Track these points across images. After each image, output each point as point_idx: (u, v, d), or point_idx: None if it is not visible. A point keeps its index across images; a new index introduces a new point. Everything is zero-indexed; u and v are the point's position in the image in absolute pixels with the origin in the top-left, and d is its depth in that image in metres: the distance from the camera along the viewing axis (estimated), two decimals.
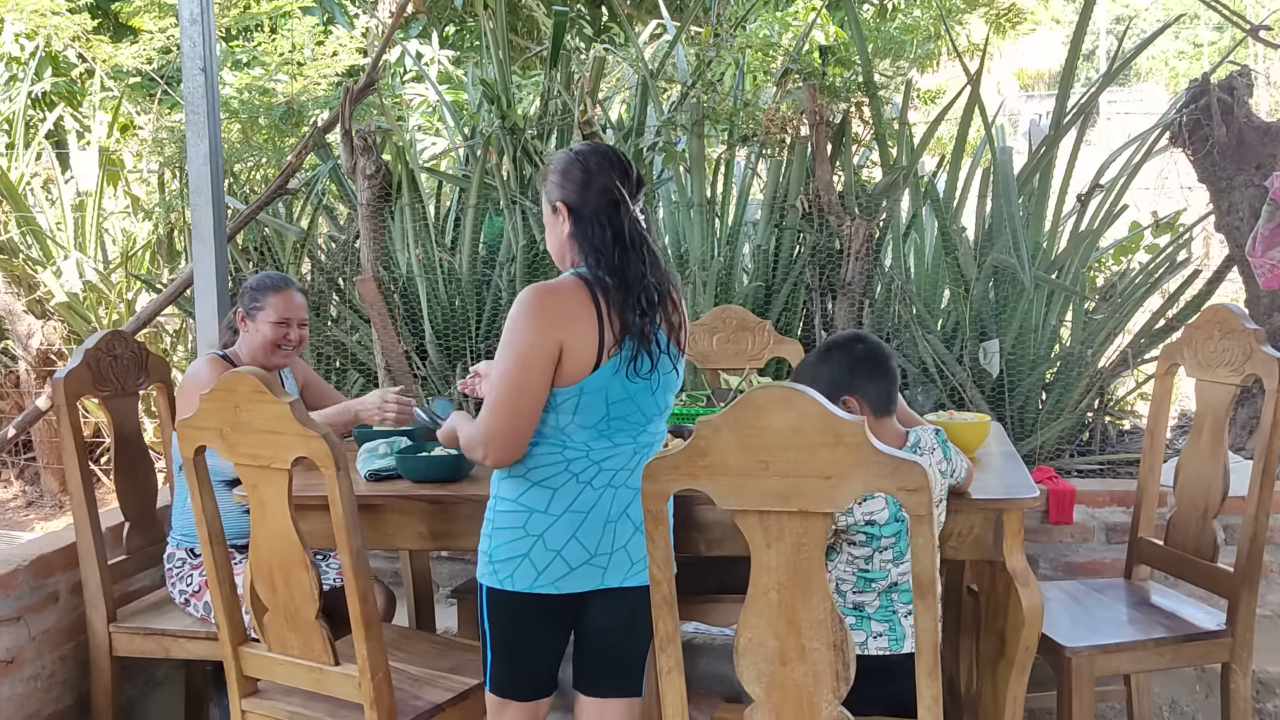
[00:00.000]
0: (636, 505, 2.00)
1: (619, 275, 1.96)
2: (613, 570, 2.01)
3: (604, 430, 1.99)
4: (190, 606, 2.76)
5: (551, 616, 2.03)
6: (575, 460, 1.99)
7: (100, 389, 2.90)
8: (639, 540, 2.00)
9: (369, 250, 4.19)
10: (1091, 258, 4.12)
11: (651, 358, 1.98)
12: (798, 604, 1.65)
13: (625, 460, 2.01)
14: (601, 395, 1.96)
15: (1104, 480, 3.64)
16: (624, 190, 1.98)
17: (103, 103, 5.97)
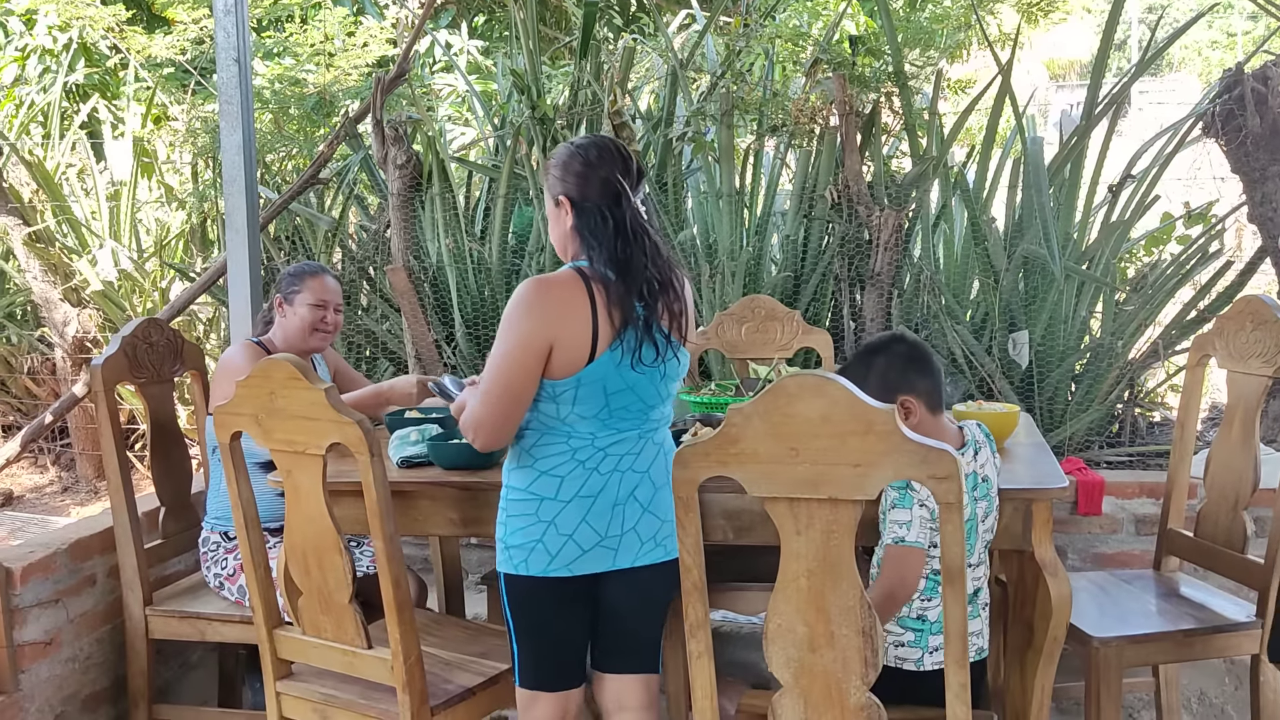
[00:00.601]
0: (644, 487, 2.06)
1: (621, 267, 1.98)
2: (624, 551, 2.05)
3: (606, 419, 2.03)
4: (224, 590, 2.81)
5: (570, 599, 2.07)
6: (581, 449, 2.03)
7: (137, 376, 2.95)
8: (648, 520, 2.06)
9: (399, 240, 4.22)
10: (1123, 249, 4.10)
11: (657, 347, 2.01)
12: (827, 590, 1.66)
13: (631, 445, 2.05)
14: (599, 386, 2.00)
15: (1134, 471, 3.62)
16: (625, 182, 2.00)
17: (136, 94, 6.04)
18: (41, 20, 6.70)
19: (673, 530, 1.98)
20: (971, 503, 1.99)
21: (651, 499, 2.07)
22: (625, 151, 2.05)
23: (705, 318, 4.00)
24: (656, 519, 2.07)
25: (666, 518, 2.07)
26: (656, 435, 2.09)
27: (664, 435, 2.12)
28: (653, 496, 2.07)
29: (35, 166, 5.27)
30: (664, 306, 2.03)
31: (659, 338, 2.01)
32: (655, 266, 2.02)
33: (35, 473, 5.58)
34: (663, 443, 2.11)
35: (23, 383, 5.58)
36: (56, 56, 6.77)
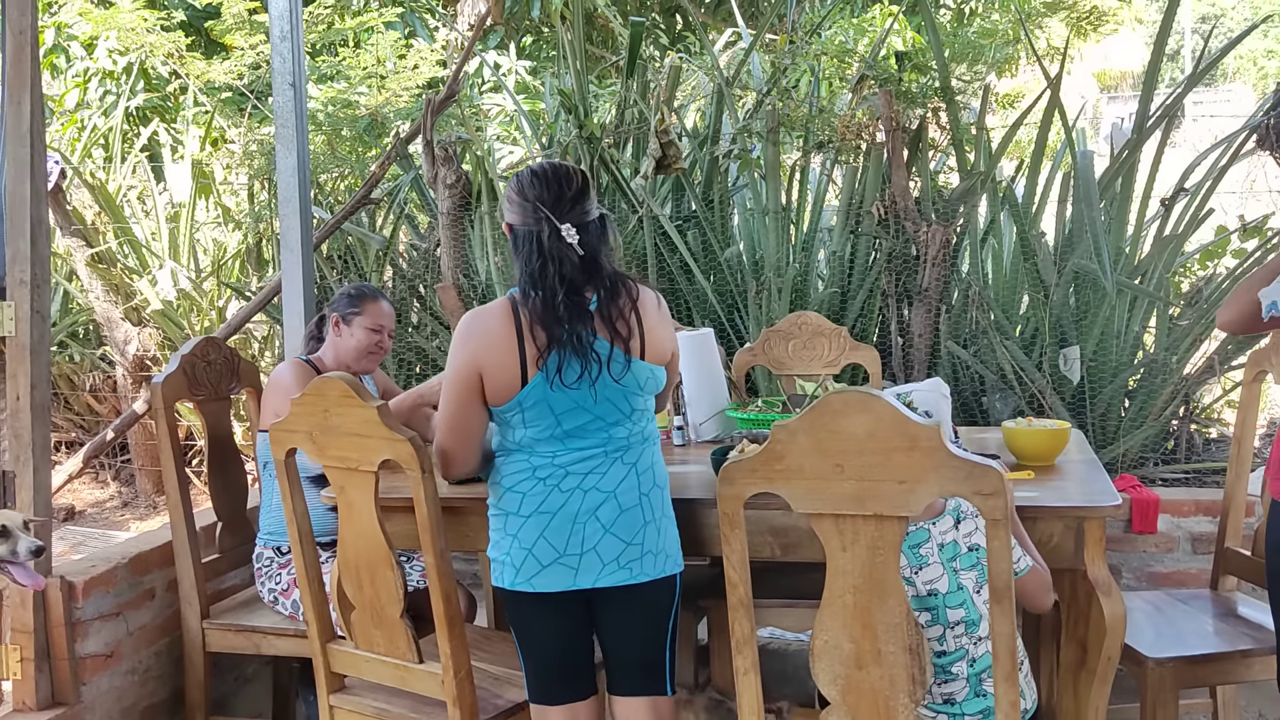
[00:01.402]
0: (607, 507, 2.04)
1: (542, 289, 2.02)
2: (584, 572, 2.05)
3: (564, 439, 2.06)
4: (278, 604, 2.86)
5: (552, 614, 2.10)
6: (541, 466, 2.07)
7: (195, 393, 3.02)
8: (610, 542, 2.04)
9: (449, 258, 4.28)
10: (1176, 263, 4.04)
11: (591, 363, 2.01)
12: (873, 607, 1.66)
13: (596, 464, 2.06)
14: (545, 407, 2.03)
15: (1189, 489, 3.56)
16: (551, 208, 2.03)
17: (195, 117, 6.19)
18: (102, 45, 6.90)
19: (642, 554, 2.02)
20: (950, 573, 1.90)
21: (615, 520, 2.04)
22: (562, 176, 2.07)
23: (751, 334, 4.00)
24: (620, 541, 2.04)
25: (633, 540, 2.04)
26: (628, 455, 2.07)
27: (640, 455, 2.09)
28: (617, 518, 2.04)
29: (98, 189, 5.43)
30: (603, 325, 2.03)
31: (594, 355, 2.01)
32: (590, 287, 2.04)
33: (96, 488, 5.72)
34: (635, 462, 2.07)
35: (85, 400, 5.72)
36: (117, 80, 6.96)
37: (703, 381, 2.98)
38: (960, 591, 1.93)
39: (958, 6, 8.53)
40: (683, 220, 4.34)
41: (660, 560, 2.08)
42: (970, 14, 8.12)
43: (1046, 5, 5.11)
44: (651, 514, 2.07)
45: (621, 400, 2.06)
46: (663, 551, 2.08)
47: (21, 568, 2.30)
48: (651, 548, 2.06)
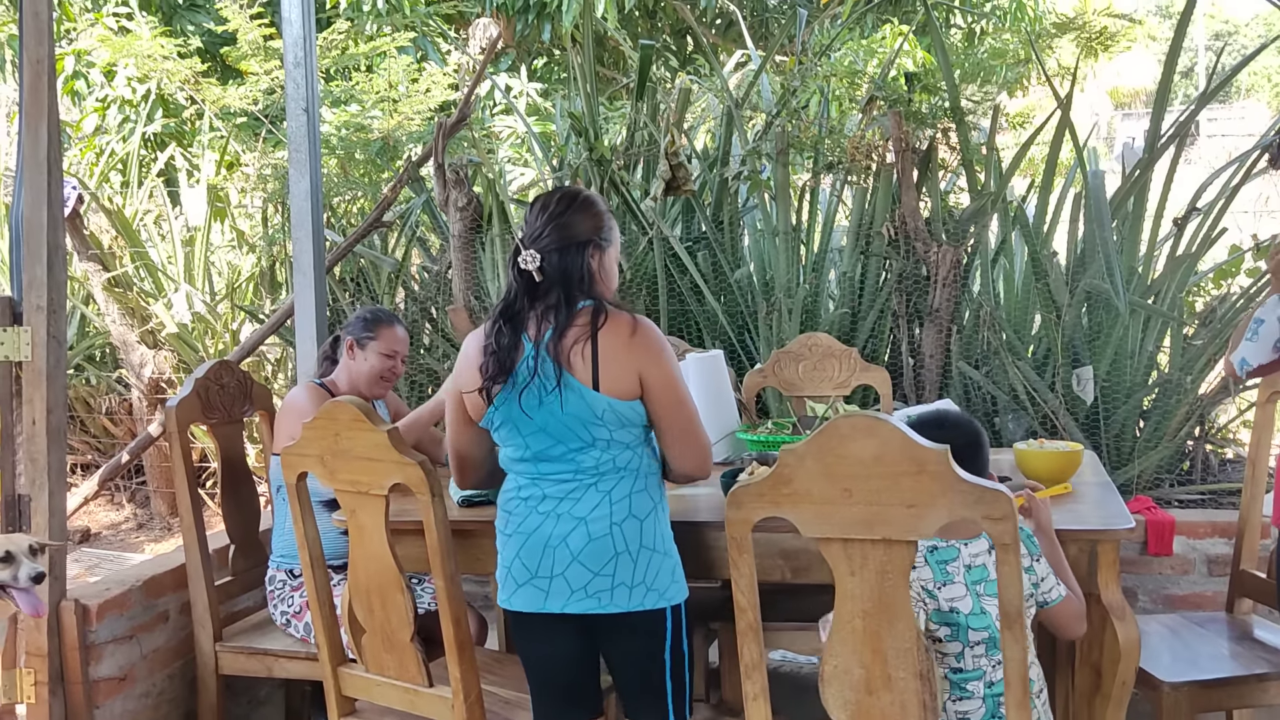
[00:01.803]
0: (577, 534, 2.02)
1: (502, 311, 2.09)
2: (554, 595, 2.04)
3: (536, 462, 2.07)
4: (290, 627, 2.86)
5: (540, 634, 2.10)
6: (524, 486, 2.10)
7: (209, 417, 3.04)
8: (577, 570, 2.02)
9: (460, 280, 4.31)
10: (1190, 282, 4.03)
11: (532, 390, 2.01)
12: (883, 632, 1.66)
13: (570, 490, 2.05)
14: (511, 428, 2.07)
15: (1205, 511, 3.54)
16: (524, 231, 2.10)
17: (211, 142, 6.25)
18: (121, 72, 6.98)
19: (613, 585, 2.00)
20: (974, 596, 1.88)
21: (583, 548, 2.01)
22: (547, 199, 2.11)
23: (762, 355, 4.01)
24: (587, 570, 2.01)
25: (602, 571, 2.01)
26: (602, 483, 2.04)
27: (616, 485, 2.05)
28: (585, 546, 2.01)
29: (115, 214, 5.48)
30: (558, 348, 2.02)
31: (540, 381, 2.02)
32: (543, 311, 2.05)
33: (112, 510, 5.75)
34: (610, 491, 2.04)
35: (101, 422, 5.76)
36: (135, 107, 7.04)
37: (713, 403, 2.98)
38: (983, 615, 1.91)
39: (968, 27, 8.55)
40: (693, 241, 4.35)
41: (638, 594, 2.02)
42: (980, 34, 8.14)
43: (1057, 26, 5.12)
44: (624, 545, 2.01)
45: (581, 428, 2.02)
46: (641, 585, 2.02)
47: (24, 593, 2.29)
48: (625, 580, 2.01)
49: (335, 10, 7.64)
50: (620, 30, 7.86)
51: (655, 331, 2.07)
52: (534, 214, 2.11)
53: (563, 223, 2.08)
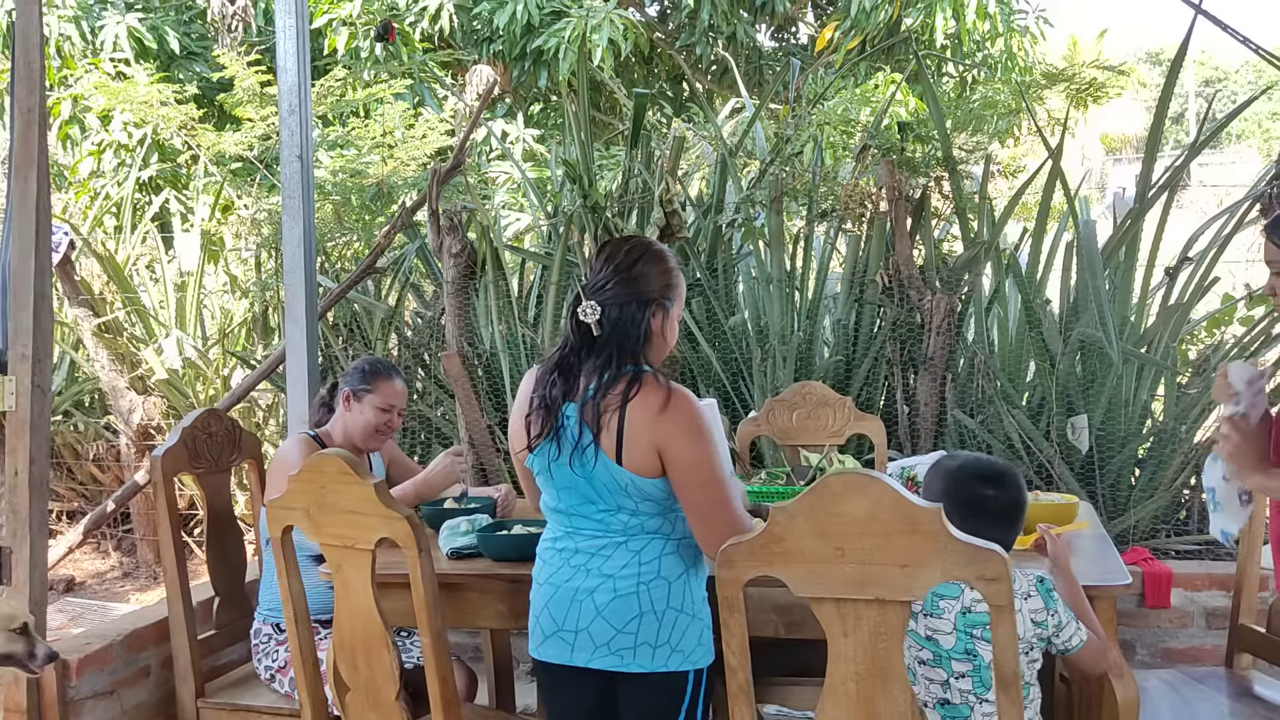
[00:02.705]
0: (603, 590, 1.99)
1: (554, 361, 2.07)
2: (580, 649, 2.01)
3: (569, 515, 2.06)
4: (275, 682, 2.81)
5: (565, 686, 2.08)
6: (559, 538, 2.09)
7: (196, 465, 3.00)
8: (600, 626, 1.99)
9: (454, 326, 4.29)
10: (1183, 330, 4.02)
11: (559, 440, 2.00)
12: (876, 695, 1.62)
13: (602, 545, 2.02)
14: (547, 477, 2.06)
15: (1203, 562, 3.50)
16: (585, 281, 2.06)
17: (206, 186, 6.27)
18: (117, 117, 7.02)
19: (635, 644, 1.97)
20: (962, 635, 1.87)
21: (608, 604, 1.98)
22: (614, 248, 2.07)
23: (756, 403, 3.98)
24: (611, 627, 1.98)
25: (625, 629, 1.98)
26: (633, 543, 2.01)
27: (646, 545, 2.00)
28: (609, 602, 1.98)
29: (106, 259, 5.47)
30: (590, 413, 1.97)
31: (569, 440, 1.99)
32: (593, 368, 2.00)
33: (97, 558, 5.68)
34: (640, 550, 2.00)
35: (88, 469, 5.71)
36: (131, 151, 7.07)
37: None
38: (967, 657, 1.89)
39: (959, 76, 8.65)
40: (687, 288, 4.34)
41: (661, 654, 1.98)
42: (972, 84, 8.23)
43: (1046, 76, 5.18)
44: (650, 605, 1.98)
45: (608, 495, 1.99)
46: (665, 645, 1.98)
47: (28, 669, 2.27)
48: (649, 639, 1.98)
49: (333, 58, 7.71)
50: (616, 78, 7.94)
51: (689, 407, 1.96)
52: (600, 262, 2.05)
53: (630, 276, 2.02)
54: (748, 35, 8.77)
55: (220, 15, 7.23)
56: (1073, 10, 37.89)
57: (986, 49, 8.50)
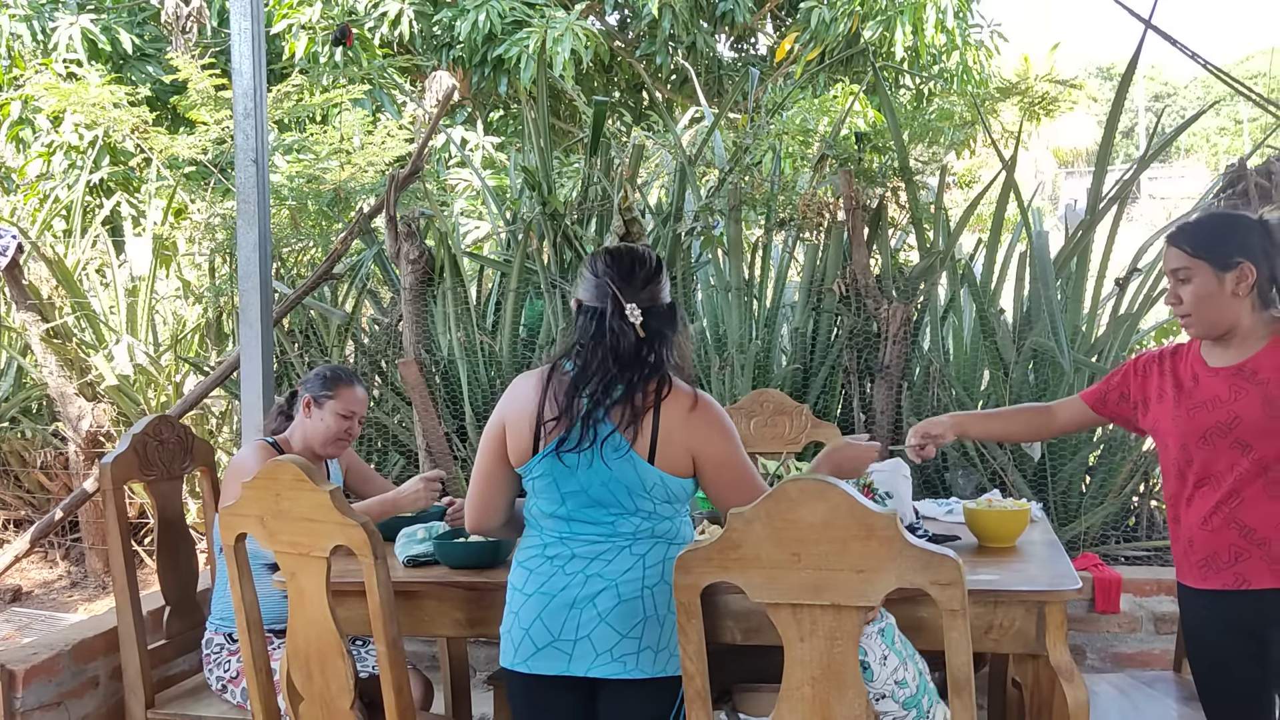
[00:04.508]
0: (606, 595, 1.99)
1: (583, 363, 2.04)
2: (579, 658, 2.00)
3: (569, 519, 2.04)
4: (227, 693, 2.77)
5: (547, 698, 2.05)
6: (550, 544, 2.06)
7: (146, 473, 2.96)
8: (604, 632, 1.98)
9: (411, 333, 4.26)
10: (1133, 340, 4.09)
11: (593, 440, 1.99)
12: (831, 699, 1.63)
13: (602, 550, 2.02)
14: (550, 481, 2.03)
15: (1151, 568, 3.56)
16: (620, 287, 2.04)
17: (158, 190, 6.18)
18: (68, 119, 6.90)
19: (639, 649, 1.96)
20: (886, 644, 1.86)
21: (612, 610, 1.98)
22: (633, 260, 2.08)
23: None
24: (615, 633, 1.98)
25: (630, 634, 1.98)
26: (636, 547, 2.02)
27: (650, 549, 2.03)
28: (614, 607, 1.98)
29: (55, 264, 5.37)
30: (621, 413, 2.00)
31: (598, 440, 1.99)
32: (633, 370, 2.01)
33: (45, 568, 5.57)
34: (644, 554, 2.02)
35: (35, 477, 5.60)
36: (82, 153, 6.95)
37: None
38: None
39: (916, 88, 8.76)
40: None
41: (662, 658, 1.98)
42: (928, 96, 8.33)
43: (1000, 90, 5.26)
44: (654, 609, 1.98)
45: (625, 496, 2.00)
46: (665, 650, 1.98)
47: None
48: (651, 644, 1.98)
49: (290, 63, 7.64)
50: (576, 86, 7.95)
51: (716, 407, 2.05)
52: (626, 266, 2.06)
53: (661, 281, 2.08)
54: (707, 45, 8.82)
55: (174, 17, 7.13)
56: (1026, 25, 38.50)
57: (943, 62, 8.62)
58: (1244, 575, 2.12)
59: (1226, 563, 2.15)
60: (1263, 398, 2.09)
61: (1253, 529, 2.10)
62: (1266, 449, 2.09)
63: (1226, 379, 2.16)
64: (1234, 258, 2.10)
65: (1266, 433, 2.08)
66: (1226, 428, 2.14)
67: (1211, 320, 2.16)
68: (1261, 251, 2.10)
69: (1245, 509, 2.12)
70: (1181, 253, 2.16)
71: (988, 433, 2.80)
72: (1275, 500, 2.08)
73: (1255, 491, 2.11)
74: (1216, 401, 2.17)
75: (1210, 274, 2.12)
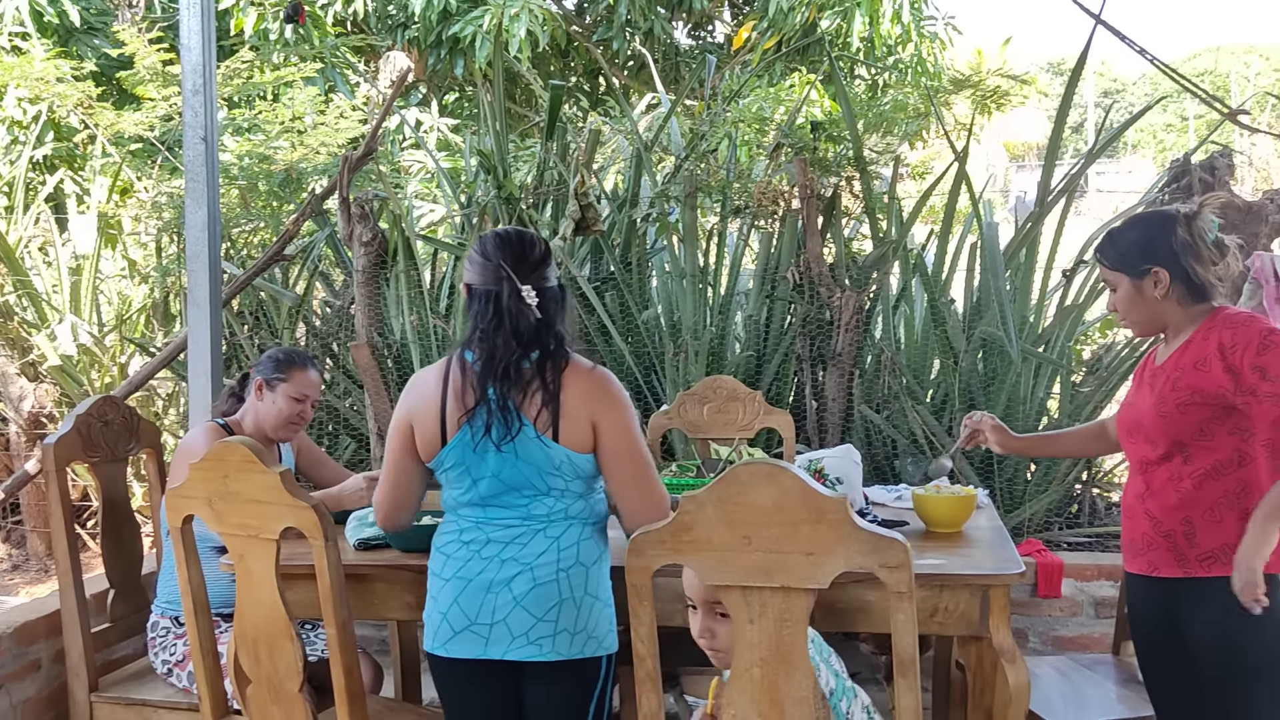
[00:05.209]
0: (521, 579, 2.00)
1: (486, 349, 2.03)
2: (495, 642, 2.01)
3: (484, 505, 2.06)
4: (173, 676, 2.74)
5: (469, 682, 2.06)
6: (466, 530, 2.08)
7: (90, 454, 2.91)
8: (520, 615, 1.99)
9: (364, 316, 4.22)
10: (1078, 331, 4.17)
11: (500, 432, 1.99)
12: (780, 681, 1.65)
13: (518, 534, 2.03)
14: (463, 469, 2.04)
15: (1092, 554, 3.64)
16: (512, 270, 2.04)
17: (103, 168, 6.05)
18: (11, 93, 6.72)
19: (555, 632, 1.98)
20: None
21: (528, 594, 1.99)
22: (525, 242, 2.09)
23: (668, 397, 4.01)
24: (531, 616, 1.99)
25: (547, 617, 1.99)
26: (551, 529, 2.03)
27: (564, 531, 2.04)
28: (529, 591, 1.99)
29: None
30: (526, 396, 2.01)
31: (511, 423, 2.00)
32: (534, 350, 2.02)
33: None
34: (558, 537, 2.03)
35: None
36: (25, 129, 6.77)
37: None
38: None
39: (871, 79, 8.82)
40: (601, 282, 4.35)
41: (579, 640, 2.00)
42: (883, 87, 8.39)
43: (954, 82, 5.32)
44: (570, 591, 2.00)
45: (537, 477, 2.02)
46: (583, 632, 2.00)
47: None
48: (568, 626, 1.99)
49: (240, 39, 7.50)
50: (532, 69, 7.89)
51: (613, 380, 2.08)
52: (517, 249, 2.06)
53: (550, 261, 2.09)
54: (665, 31, 8.80)
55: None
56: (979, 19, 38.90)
57: (898, 53, 8.68)
58: (1154, 563, 2.20)
59: (1141, 550, 2.23)
60: (1157, 398, 2.17)
61: (1159, 520, 2.18)
62: (1166, 446, 2.16)
63: (1151, 376, 2.25)
64: (1144, 265, 2.17)
65: (1161, 430, 2.16)
66: (1138, 424, 2.24)
67: (1143, 322, 2.24)
68: (1169, 252, 2.16)
69: (1153, 500, 2.20)
70: (1102, 265, 2.26)
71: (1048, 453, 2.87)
72: (1177, 494, 2.15)
73: (1160, 483, 2.18)
74: (1138, 398, 2.27)
75: (1128, 283, 2.20)
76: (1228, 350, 2.08)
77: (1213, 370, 2.09)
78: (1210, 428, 2.11)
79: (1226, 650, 2.10)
